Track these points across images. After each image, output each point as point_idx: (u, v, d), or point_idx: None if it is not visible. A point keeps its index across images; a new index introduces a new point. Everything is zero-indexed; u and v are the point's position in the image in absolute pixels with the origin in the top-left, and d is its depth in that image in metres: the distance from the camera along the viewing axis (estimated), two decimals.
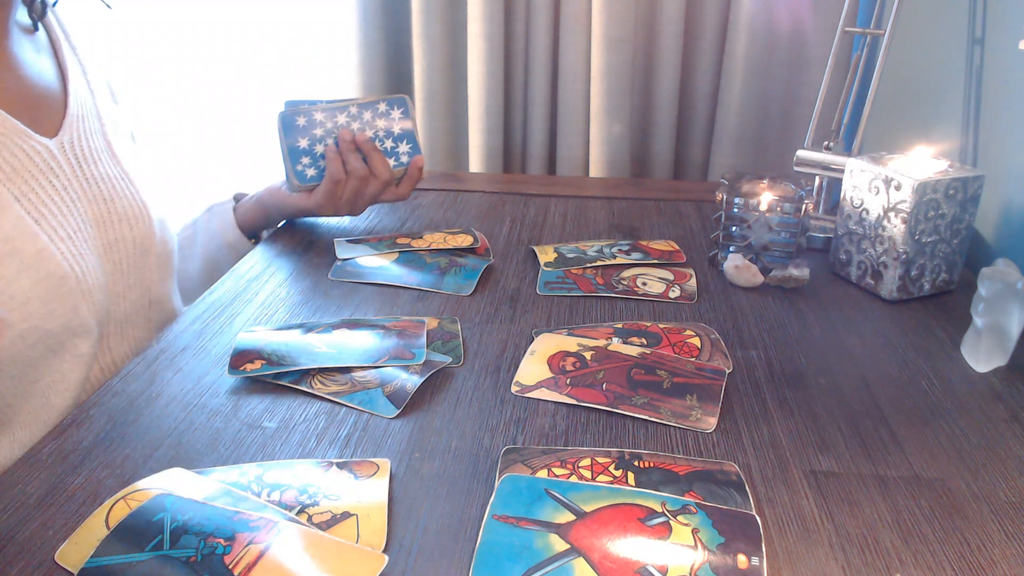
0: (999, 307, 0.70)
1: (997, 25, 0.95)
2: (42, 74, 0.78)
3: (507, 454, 0.58)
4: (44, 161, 0.73)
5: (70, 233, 0.74)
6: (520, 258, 0.95)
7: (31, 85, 0.76)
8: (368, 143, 0.95)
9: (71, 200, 0.75)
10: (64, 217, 0.74)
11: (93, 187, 0.78)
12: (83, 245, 0.75)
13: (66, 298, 0.71)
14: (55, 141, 0.75)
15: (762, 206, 0.87)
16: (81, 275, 0.73)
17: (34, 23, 0.80)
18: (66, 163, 0.76)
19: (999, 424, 0.63)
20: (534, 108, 1.39)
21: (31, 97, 0.76)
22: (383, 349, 0.70)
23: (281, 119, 0.96)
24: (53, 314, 0.70)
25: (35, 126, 0.74)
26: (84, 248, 0.75)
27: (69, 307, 0.71)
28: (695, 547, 0.48)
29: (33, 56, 0.78)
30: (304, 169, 0.95)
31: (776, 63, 1.33)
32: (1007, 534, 0.52)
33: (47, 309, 0.69)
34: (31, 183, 0.72)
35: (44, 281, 0.69)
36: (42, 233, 0.71)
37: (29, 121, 0.73)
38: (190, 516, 0.49)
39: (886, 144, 1.15)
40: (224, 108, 1.61)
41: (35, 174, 0.72)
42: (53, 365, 0.71)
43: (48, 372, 0.71)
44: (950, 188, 0.80)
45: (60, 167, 0.75)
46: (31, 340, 0.68)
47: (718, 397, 0.65)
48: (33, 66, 0.77)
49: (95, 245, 0.77)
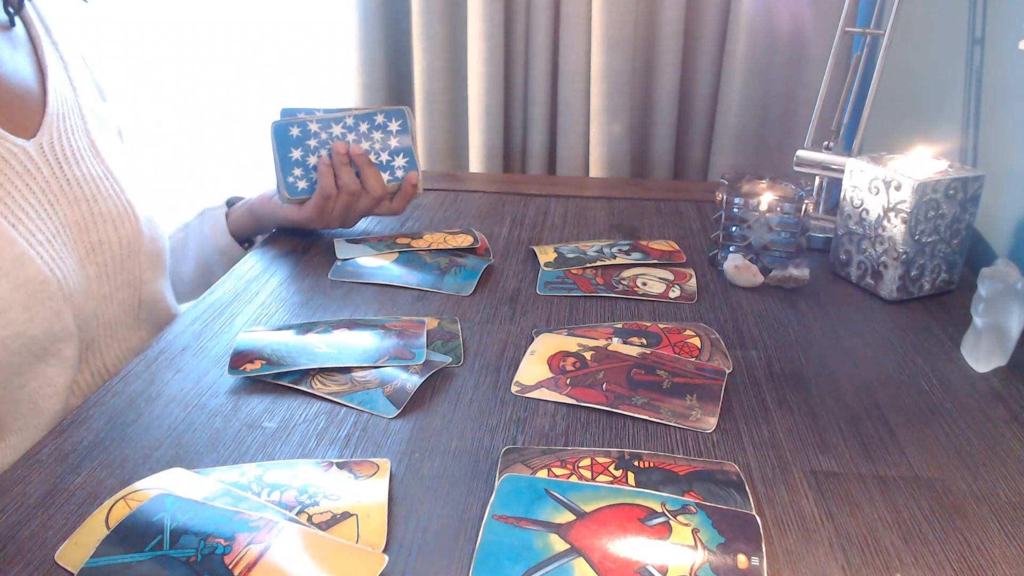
0: (999, 307, 0.70)
1: (997, 25, 0.95)
2: (18, 72, 0.76)
3: (507, 454, 0.58)
4: (21, 163, 0.72)
5: (48, 237, 0.72)
6: (520, 258, 0.95)
7: (8, 85, 0.74)
8: (362, 156, 0.92)
9: (49, 203, 0.73)
10: (42, 221, 0.72)
11: (75, 188, 0.76)
12: (63, 248, 0.73)
13: (47, 303, 0.69)
14: (33, 142, 0.73)
15: (762, 206, 0.87)
16: (62, 279, 0.72)
17: (10, 18, 0.77)
18: (44, 164, 0.74)
19: (999, 424, 0.63)
20: (534, 108, 1.39)
21: (6, 97, 0.73)
22: (383, 349, 0.70)
23: (274, 129, 0.93)
24: (34, 320, 0.68)
25: (11, 127, 0.72)
26: (64, 251, 0.73)
27: (51, 312, 0.70)
28: (695, 547, 0.48)
29: (9, 53, 0.76)
30: (295, 181, 0.93)
31: (776, 63, 1.33)
32: (1007, 534, 0.52)
33: (28, 315, 0.68)
34: (7, 187, 0.70)
35: (23, 287, 0.68)
36: (20, 238, 0.69)
37: (4, 122, 0.72)
38: (190, 516, 0.49)
39: (886, 144, 1.15)
40: (223, 108, 1.61)
41: (11, 177, 0.70)
42: (39, 371, 0.70)
43: (34, 378, 0.70)
44: (950, 188, 0.80)
45: (38, 169, 0.73)
46: (13, 347, 0.67)
47: (718, 397, 0.65)
48: (8, 64, 0.75)
49: (76, 248, 0.75)
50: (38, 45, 0.79)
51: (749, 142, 1.36)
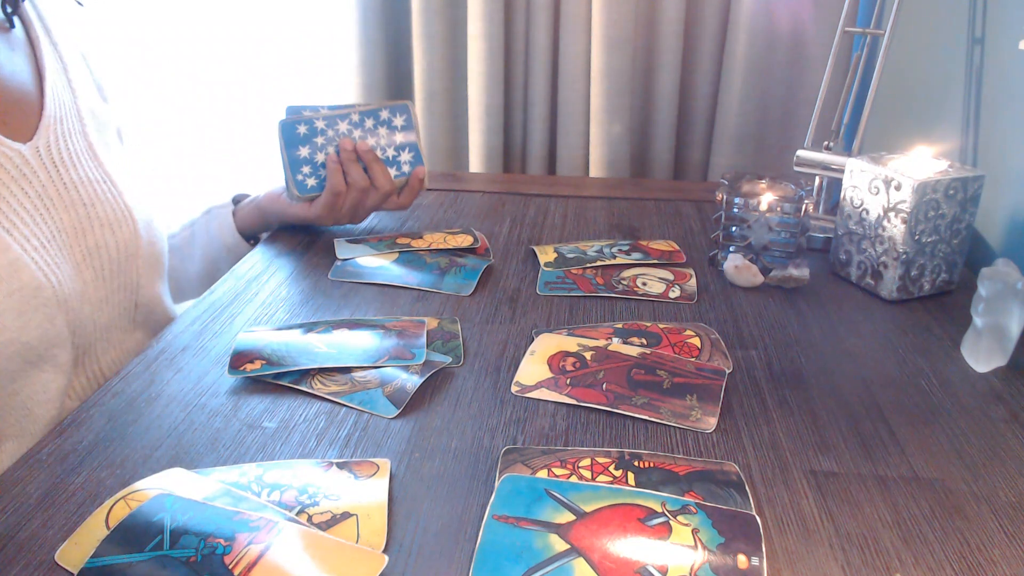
0: (999, 307, 0.70)
1: (997, 25, 0.95)
2: (15, 75, 0.75)
3: (507, 454, 0.58)
4: (16, 168, 0.71)
5: (43, 242, 0.71)
6: (520, 258, 0.95)
7: (3, 88, 0.73)
8: (369, 153, 0.93)
9: (45, 207, 0.73)
10: (37, 226, 0.71)
11: (72, 192, 0.75)
12: (58, 253, 0.73)
13: (41, 309, 0.69)
14: (29, 146, 0.73)
15: (762, 206, 0.87)
16: (57, 284, 0.71)
17: (8, 20, 0.76)
18: (41, 168, 0.73)
19: (999, 424, 0.63)
20: (534, 108, 1.39)
21: (2, 101, 0.73)
22: (383, 349, 0.70)
23: (282, 128, 0.93)
24: (28, 326, 0.68)
25: (6, 130, 0.71)
26: (59, 257, 0.73)
27: (45, 318, 0.69)
28: (695, 547, 0.48)
29: (7, 55, 0.75)
30: (305, 179, 0.94)
31: (776, 63, 1.33)
32: (1007, 534, 0.52)
33: (21, 321, 0.67)
34: (2, 191, 0.69)
35: (18, 292, 0.67)
36: (14, 244, 0.68)
37: (0, 126, 0.71)
38: (190, 516, 0.49)
39: (886, 144, 1.15)
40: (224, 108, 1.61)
41: (6, 182, 0.70)
42: (32, 376, 0.70)
43: (28, 384, 0.69)
44: (950, 188, 0.80)
45: (34, 173, 0.72)
46: (7, 353, 0.66)
47: (718, 397, 0.65)
48: (6, 67, 0.74)
49: (72, 252, 0.75)
50: (36, 46, 0.78)
51: (749, 142, 1.36)
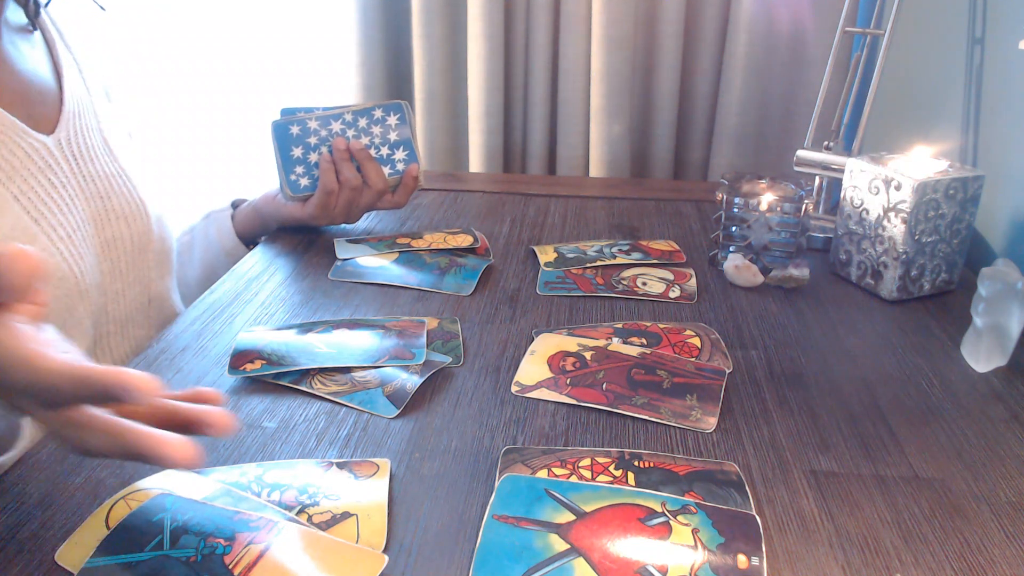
0: (999, 307, 0.70)
1: (997, 25, 0.95)
2: (37, 71, 0.77)
3: (507, 454, 0.58)
4: (42, 159, 0.72)
5: (69, 232, 0.73)
6: (520, 258, 0.95)
7: (27, 81, 0.75)
8: (362, 151, 0.93)
9: (69, 198, 0.74)
10: (63, 215, 0.73)
11: (91, 184, 0.77)
12: (82, 244, 0.74)
13: (63, 299, 0.70)
14: (52, 138, 0.74)
15: (762, 206, 0.87)
16: (80, 275, 0.72)
17: (31, 22, 0.78)
18: (64, 160, 0.75)
19: (999, 424, 0.63)
20: (534, 108, 1.39)
21: (27, 93, 0.74)
22: (383, 349, 0.70)
23: (274, 128, 0.94)
24: (51, 315, 0.69)
25: (32, 123, 0.73)
26: (83, 247, 0.74)
27: (65, 307, 0.70)
28: (695, 547, 0.48)
29: (28, 52, 0.77)
30: (298, 179, 0.94)
31: (776, 63, 1.33)
32: (1007, 534, 0.52)
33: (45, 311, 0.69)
34: (30, 181, 0.71)
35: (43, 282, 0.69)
36: (41, 233, 0.70)
37: (26, 118, 0.72)
38: (190, 516, 0.49)
39: (886, 144, 1.15)
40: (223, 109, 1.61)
41: (34, 172, 0.71)
42: None
43: None
44: (950, 188, 0.80)
45: (58, 164, 0.74)
46: None
47: (718, 397, 0.65)
48: (28, 62, 0.76)
49: (93, 243, 0.76)
50: (53, 47, 0.80)
51: (749, 142, 1.36)
